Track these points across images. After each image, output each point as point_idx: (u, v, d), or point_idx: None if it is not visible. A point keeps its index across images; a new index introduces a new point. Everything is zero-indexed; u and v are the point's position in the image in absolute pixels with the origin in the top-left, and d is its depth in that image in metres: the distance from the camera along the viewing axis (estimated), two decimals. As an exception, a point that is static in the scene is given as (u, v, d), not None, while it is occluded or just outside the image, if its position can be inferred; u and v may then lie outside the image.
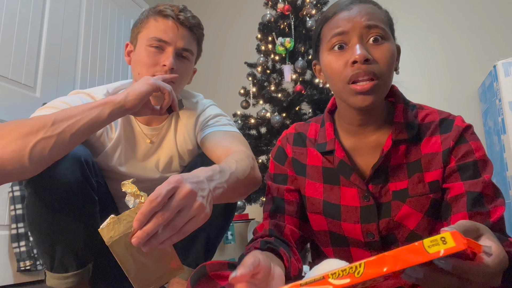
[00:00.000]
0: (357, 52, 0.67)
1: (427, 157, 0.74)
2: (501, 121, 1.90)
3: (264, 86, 2.26)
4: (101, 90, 1.03)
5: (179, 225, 0.53)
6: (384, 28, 0.71)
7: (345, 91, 0.71)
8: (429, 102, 2.68)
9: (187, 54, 0.99)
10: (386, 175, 0.76)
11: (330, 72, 0.72)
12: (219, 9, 3.31)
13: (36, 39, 2.04)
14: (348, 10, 0.71)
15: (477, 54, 2.40)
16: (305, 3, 2.23)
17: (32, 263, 1.69)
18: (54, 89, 2.14)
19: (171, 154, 1.08)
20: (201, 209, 0.55)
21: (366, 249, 0.78)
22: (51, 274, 0.92)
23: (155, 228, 0.51)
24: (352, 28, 0.69)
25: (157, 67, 0.95)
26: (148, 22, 0.98)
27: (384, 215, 0.75)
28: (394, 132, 0.74)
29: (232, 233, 2.09)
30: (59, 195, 0.84)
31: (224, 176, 0.67)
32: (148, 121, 1.06)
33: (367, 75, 0.67)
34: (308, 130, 0.87)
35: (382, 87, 0.70)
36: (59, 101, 0.93)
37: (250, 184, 0.82)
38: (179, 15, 0.97)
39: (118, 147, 1.03)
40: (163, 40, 0.95)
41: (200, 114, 1.07)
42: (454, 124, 0.74)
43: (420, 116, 0.78)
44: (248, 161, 0.82)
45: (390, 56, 0.70)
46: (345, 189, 0.79)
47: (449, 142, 0.73)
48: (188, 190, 0.53)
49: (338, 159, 0.78)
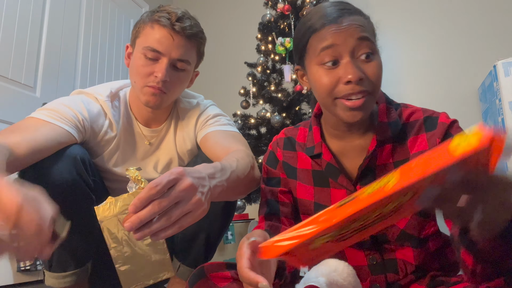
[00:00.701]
0: (351, 72, 0.67)
1: (415, 157, 0.74)
2: (501, 121, 1.90)
3: (264, 86, 2.26)
4: (104, 90, 1.02)
5: (175, 217, 0.53)
6: (373, 41, 0.71)
7: (334, 105, 0.71)
8: (429, 102, 2.68)
9: (183, 64, 0.96)
10: (374, 175, 0.76)
11: (319, 86, 0.72)
12: (219, 9, 3.31)
13: (36, 39, 2.04)
14: (338, 24, 0.69)
15: (477, 54, 2.40)
16: (305, 3, 2.23)
17: (32, 263, 1.69)
18: (54, 89, 2.14)
19: (170, 156, 1.08)
20: (199, 205, 0.55)
21: (358, 248, 0.79)
22: (50, 273, 0.92)
23: (149, 215, 0.51)
24: (343, 43, 0.69)
25: (150, 77, 0.93)
26: (145, 28, 0.95)
27: None
28: (378, 132, 0.75)
29: (232, 233, 2.09)
30: (54, 194, 0.83)
31: (225, 174, 0.68)
32: (148, 122, 1.06)
33: (361, 93, 0.68)
34: (297, 134, 0.89)
35: (372, 101, 0.71)
36: (60, 103, 0.92)
37: (250, 183, 0.82)
38: (175, 25, 0.93)
39: (117, 149, 1.03)
40: (157, 51, 0.92)
41: (200, 114, 1.07)
42: (438, 121, 0.74)
43: (404, 114, 0.78)
44: (248, 159, 0.83)
45: (380, 72, 0.71)
46: (334, 191, 0.80)
47: (435, 139, 0.73)
48: (189, 184, 0.53)
49: (326, 162, 0.79)
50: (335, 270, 0.63)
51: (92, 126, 0.97)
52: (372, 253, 0.78)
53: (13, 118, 1.85)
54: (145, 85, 0.94)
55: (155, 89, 0.93)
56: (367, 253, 0.78)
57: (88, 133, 0.96)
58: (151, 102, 0.95)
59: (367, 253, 0.78)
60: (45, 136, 0.81)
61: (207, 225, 0.97)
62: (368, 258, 0.78)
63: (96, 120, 0.98)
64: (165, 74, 0.92)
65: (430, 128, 0.75)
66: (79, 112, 0.93)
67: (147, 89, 0.94)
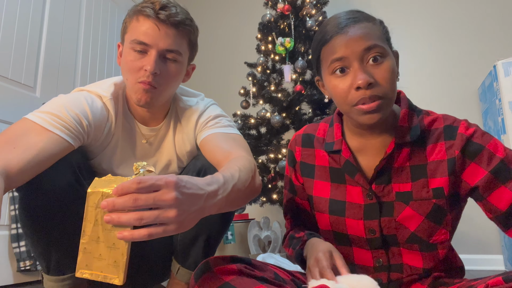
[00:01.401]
0: (360, 78, 0.69)
1: (433, 164, 0.76)
2: (501, 121, 1.90)
3: (264, 86, 2.26)
4: (107, 86, 0.98)
5: (146, 219, 0.52)
6: (382, 45, 0.72)
7: (352, 112, 0.74)
8: (429, 102, 2.67)
9: (173, 55, 0.92)
10: (389, 176, 0.78)
11: (335, 95, 0.76)
12: (219, 9, 3.31)
13: (36, 39, 2.04)
14: (345, 34, 0.72)
15: (477, 54, 2.40)
16: (305, 3, 2.23)
17: (32, 263, 1.69)
18: (54, 89, 2.14)
19: (169, 157, 1.06)
20: (174, 221, 0.54)
21: (367, 248, 0.81)
22: (48, 277, 0.91)
23: (122, 205, 0.51)
24: (351, 53, 0.71)
25: (140, 72, 0.90)
26: (132, 22, 0.92)
27: (385, 213, 0.78)
28: (397, 136, 0.77)
29: (232, 233, 2.09)
30: (50, 199, 0.82)
31: (227, 189, 0.66)
32: (145, 121, 1.03)
33: (372, 99, 0.70)
34: (317, 130, 0.91)
35: (387, 103, 0.72)
36: (62, 106, 0.86)
37: (250, 193, 0.80)
38: (159, 14, 0.88)
39: (116, 148, 1.01)
40: (144, 43, 0.88)
41: (200, 115, 1.04)
42: (457, 132, 0.75)
43: (425, 121, 0.80)
44: (250, 167, 0.80)
45: (391, 74, 0.72)
46: (350, 188, 0.83)
47: (453, 151, 0.74)
48: (172, 197, 0.52)
49: (344, 159, 0.82)
50: (358, 281, 0.65)
51: (95, 129, 0.93)
52: (379, 255, 0.80)
53: (13, 118, 1.85)
54: (136, 82, 0.90)
55: (145, 85, 0.89)
56: (374, 254, 0.80)
57: (91, 137, 0.93)
58: (142, 101, 0.91)
59: (375, 255, 0.80)
60: (39, 151, 0.75)
61: (207, 227, 0.96)
62: (375, 260, 0.80)
63: (99, 121, 0.94)
64: (154, 67, 0.88)
65: (449, 137, 0.76)
66: (84, 116, 0.88)
67: (138, 86, 0.90)
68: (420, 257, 0.77)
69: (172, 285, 1.03)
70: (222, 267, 0.69)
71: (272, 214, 2.60)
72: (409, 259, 0.78)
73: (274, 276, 0.74)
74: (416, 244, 0.76)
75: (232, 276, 0.67)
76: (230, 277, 0.67)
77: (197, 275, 0.69)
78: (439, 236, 0.76)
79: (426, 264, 0.77)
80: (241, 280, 0.67)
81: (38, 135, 0.77)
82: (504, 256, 2.06)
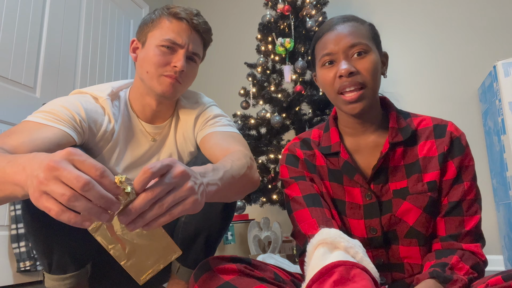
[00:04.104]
0: (342, 67, 0.78)
1: (425, 160, 0.81)
2: (501, 122, 1.90)
3: (264, 87, 2.26)
4: (105, 88, 1.01)
5: (167, 204, 0.52)
6: (366, 43, 0.80)
7: (337, 100, 0.82)
8: (429, 103, 2.66)
9: (196, 58, 1.02)
10: (386, 176, 0.82)
11: (324, 84, 0.84)
12: (219, 9, 3.31)
13: (36, 39, 2.04)
14: (333, 31, 0.82)
15: (477, 54, 2.40)
16: (305, 4, 2.23)
17: (32, 264, 1.69)
18: (54, 89, 2.14)
19: (170, 151, 1.08)
20: (191, 192, 0.54)
21: (368, 247, 0.82)
22: (49, 275, 0.91)
23: (144, 204, 0.50)
24: (338, 49, 0.80)
25: (167, 67, 0.96)
26: (161, 22, 0.98)
27: (385, 211, 0.81)
28: (391, 136, 0.82)
29: (232, 233, 2.09)
30: None
31: (217, 174, 0.67)
32: (152, 119, 1.06)
33: (353, 85, 0.78)
34: (311, 134, 0.94)
35: (369, 94, 0.79)
36: (56, 105, 0.91)
37: (247, 183, 0.82)
38: (193, 19, 0.99)
39: (116, 148, 1.02)
40: (176, 43, 0.96)
41: (199, 115, 1.06)
42: (447, 130, 0.82)
43: (415, 122, 0.86)
44: (245, 160, 0.83)
45: (373, 66, 0.79)
46: (348, 188, 0.85)
47: (443, 147, 0.81)
48: (182, 170, 0.53)
49: (343, 160, 0.85)
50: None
51: (90, 126, 0.96)
52: (379, 254, 0.82)
53: (13, 118, 1.85)
54: (160, 74, 0.96)
55: (172, 79, 0.96)
56: (374, 253, 0.83)
57: (87, 134, 0.95)
58: (168, 92, 0.97)
59: (375, 254, 0.82)
60: (43, 139, 0.80)
61: (207, 226, 0.97)
62: (375, 260, 0.82)
63: (94, 119, 0.96)
64: (183, 65, 0.96)
65: (439, 135, 0.82)
66: (76, 113, 0.92)
67: (164, 78, 0.96)
68: (419, 253, 0.79)
69: (172, 284, 1.03)
70: (222, 267, 0.69)
71: (272, 214, 2.60)
72: (408, 257, 0.80)
73: (274, 276, 0.75)
74: (414, 238, 0.79)
75: (232, 276, 0.68)
76: (230, 276, 0.68)
77: (197, 274, 0.69)
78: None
79: (425, 257, 0.79)
80: (241, 280, 0.67)
81: (39, 129, 0.83)
82: (504, 256, 2.06)
